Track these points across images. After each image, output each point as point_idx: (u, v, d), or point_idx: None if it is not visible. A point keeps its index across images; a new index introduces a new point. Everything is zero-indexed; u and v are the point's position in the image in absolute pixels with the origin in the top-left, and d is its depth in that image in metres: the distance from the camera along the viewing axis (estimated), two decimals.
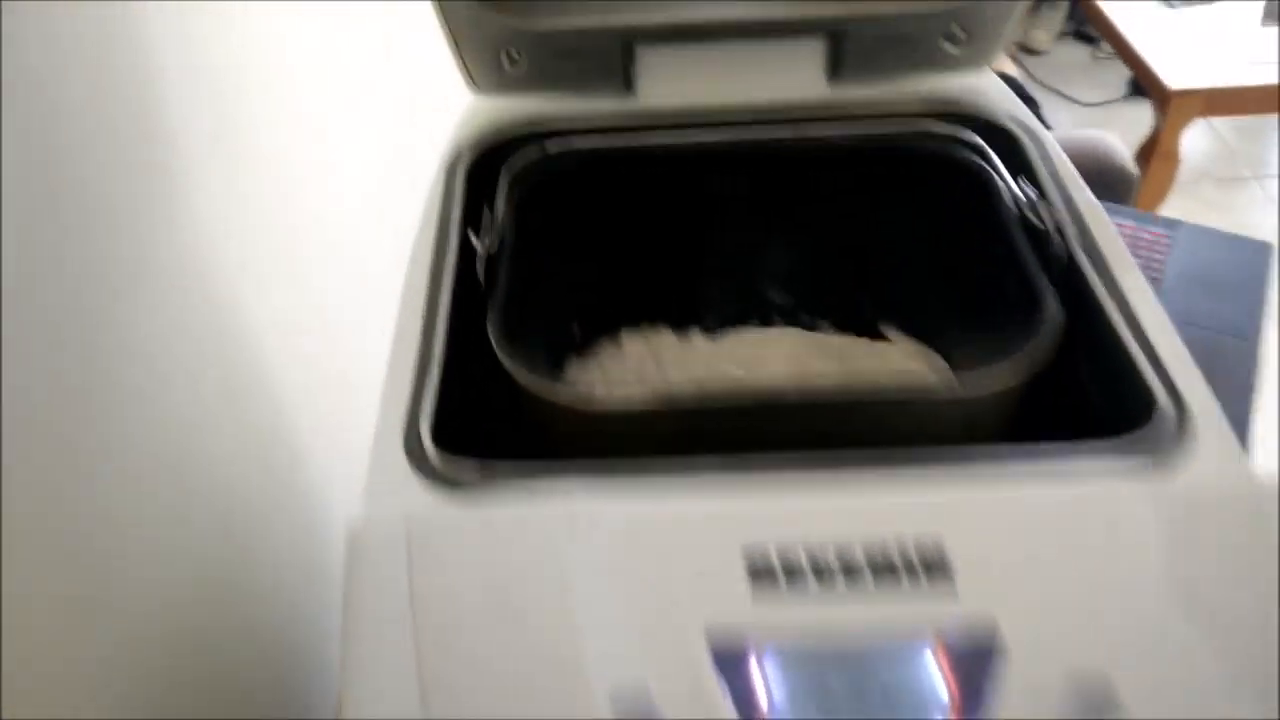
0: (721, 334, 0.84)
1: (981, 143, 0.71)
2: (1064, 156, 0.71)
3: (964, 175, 0.71)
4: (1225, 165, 2.53)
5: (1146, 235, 1.30)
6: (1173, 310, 1.09)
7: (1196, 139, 2.51)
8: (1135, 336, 0.58)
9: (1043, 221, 0.64)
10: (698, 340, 0.83)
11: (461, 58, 0.74)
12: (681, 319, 0.84)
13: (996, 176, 0.69)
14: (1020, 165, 0.71)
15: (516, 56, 0.74)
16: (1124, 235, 1.25)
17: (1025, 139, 0.72)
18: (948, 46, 0.76)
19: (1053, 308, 0.59)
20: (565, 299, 0.79)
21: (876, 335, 0.83)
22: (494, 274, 0.63)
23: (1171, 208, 2.06)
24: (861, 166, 0.76)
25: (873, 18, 0.73)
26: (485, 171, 0.72)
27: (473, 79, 0.75)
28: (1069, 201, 0.67)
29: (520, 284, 0.66)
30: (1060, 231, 0.64)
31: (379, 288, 0.80)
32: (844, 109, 0.76)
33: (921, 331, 0.82)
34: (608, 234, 0.78)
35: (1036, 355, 0.57)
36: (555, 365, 0.81)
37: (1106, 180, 1.39)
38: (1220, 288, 1.02)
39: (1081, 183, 0.69)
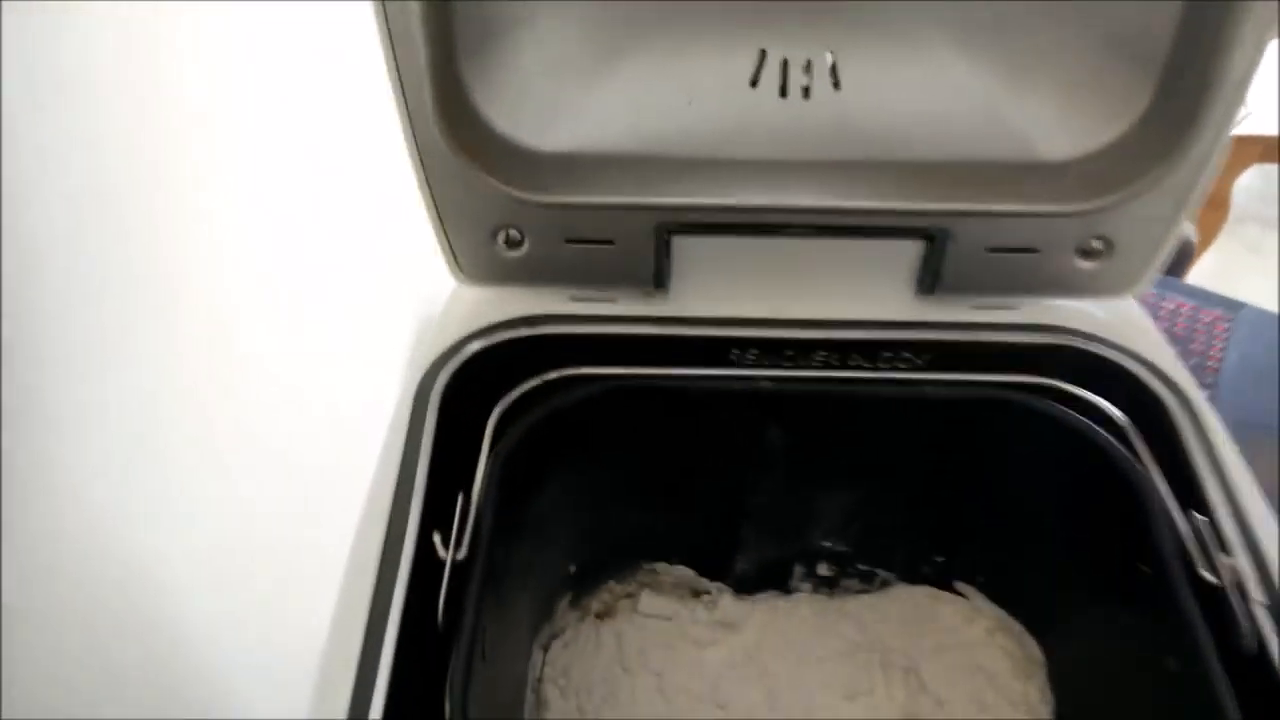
0: (753, 596, 0.66)
1: (1124, 420, 0.54)
2: (1225, 434, 0.53)
3: (1101, 462, 0.53)
4: (1270, 207, 2.34)
5: (1205, 317, 1.14)
6: (1232, 404, 0.97)
7: (1241, 179, 2.32)
8: None
9: (1217, 573, 0.47)
10: (725, 603, 0.66)
11: (446, 235, 0.56)
12: (707, 560, 0.66)
13: (1149, 482, 0.51)
14: (1168, 448, 0.53)
15: (518, 238, 0.56)
16: (1182, 316, 1.11)
17: (1180, 418, 0.54)
18: (1081, 263, 0.58)
19: None
20: (559, 540, 0.62)
21: (947, 588, 0.66)
22: (460, 598, 0.45)
23: (1214, 250, 1.88)
24: (956, 419, 0.58)
25: (994, 215, 0.55)
26: (467, 396, 0.54)
27: (458, 264, 0.57)
28: (1238, 513, 0.50)
29: (497, 582, 0.49)
30: (1241, 590, 0.46)
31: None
32: (932, 338, 0.58)
33: (1009, 600, 0.64)
34: (622, 470, 0.61)
35: None
36: (543, 610, 0.63)
37: None
38: None
39: (1251, 482, 0.52)
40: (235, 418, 0.62)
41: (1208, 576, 0.46)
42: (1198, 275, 1.46)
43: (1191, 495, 0.51)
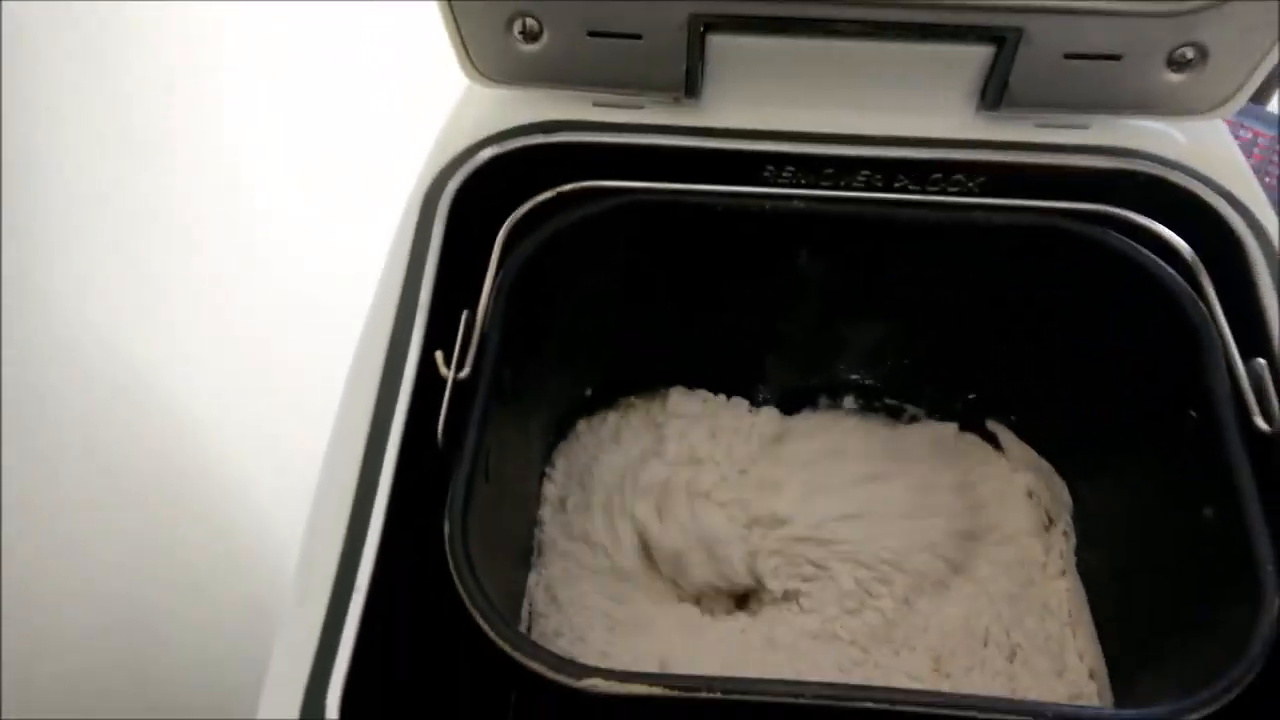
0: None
1: (1192, 255, 0.49)
2: None
3: (1164, 300, 0.49)
4: None
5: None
6: None
7: None
8: None
9: (1271, 420, 0.43)
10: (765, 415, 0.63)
11: (456, 24, 0.51)
12: (728, 387, 0.64)
13: (1211, 323, 0.47)
14: (1239, 287, 0.49)
15: (535, 29, 0.51)
16: (1259, 147, 1.03)
17: (1256, 256, 0.49)
18: (1169, 75, 0.51)
19: (1271, 592, 0.40)
20: (573, 363, 0.60)
21: (978, 430, 0.64)
22: (463, 421, 0.44)
23: None
24: (1010, 249, 0.53)
25: (1076, 14, 0.48)
26: (477, 207, 0.51)
27: (470, 59, 0.52)
28: None
29: (505, 403, 0.47)
30: None
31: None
32: (990, 159, 0.53)
33: (1040, 440, 0.62)
34: (640, 293, 0.58)
35: (1239, 679, 0.38)
36: (558, 430, 0.62)
37: None
38: None
39: None
40: (234, 227, 0.60)
41: (1261, 424, 0.43)
42: None
43: (1257, 339, 0.47)
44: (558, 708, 0.49)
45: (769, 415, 0.63)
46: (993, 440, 0.63)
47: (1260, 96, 1.17)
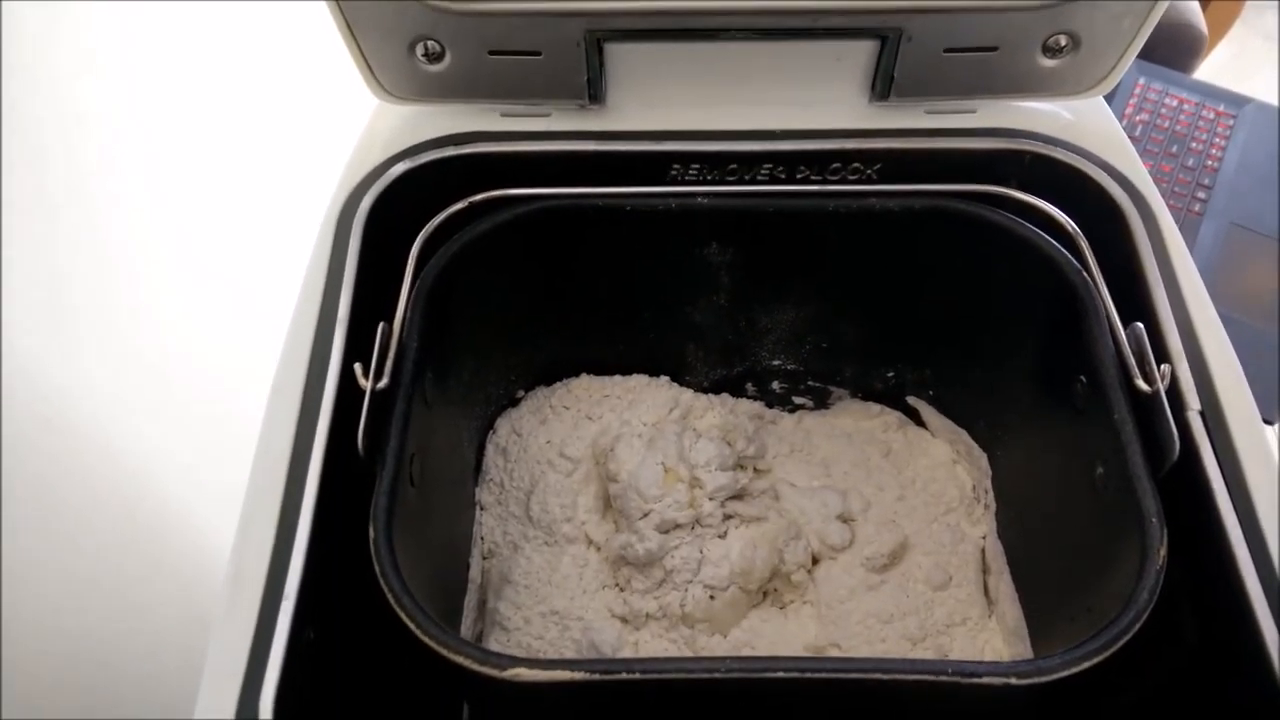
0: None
1: (1074, 228, 0.52)
2: (1184, 250, 0.51)
3: (1047, 271, 0.52)
4: None
5: (1208, 114, 1.10)
6: (1229, 207, 0.95)
7: None
8: (1263, 579, 0.42)
9: (1150, 380, 0.46)
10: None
11: (360, 50, 0.52)
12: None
13: (1094, 291, 0.49)
14: (1121, 256, 0.52)
15: (438, 51, 0.53)
16: (1184, 114, 1.07)
17: (1136, 224, 0.52)
18: (1045, 61, 0.54)
19: (1155, 541, 0.42)
20: (497, 366, 0.62)
21: (898, 407, 0.66)
22: (384, 427, 0.45)
23: (1228, 41, 1.77)
24: (905, 231, 0.56)
25: (951, 12, 0.51)
26: (392, 221, 0.52)
27: (377, 80, 0.54)
28: (1188, 328, 0.49)
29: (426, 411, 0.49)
30: (1175, 397, 0.46)
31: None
32: (886, 146, 0.55)
33: (958, 413, 0.64)
34: (559, 294, 0.59)
35: (1128, 627, 0.41)
36: (486, 425, 0.64)
37: (1175, 40, 1.18)
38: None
39: (1201, 291, 0.50)
40: (154, 252, 0.61)
41: (1142, 385, 0.46)
42: (1209, 69, 1.38)
43: (1139, 305, 0.50)
44: (501, 707, 0.51)
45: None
46: (914, 416, 0.66)
47: (1183, 66, 1.22)
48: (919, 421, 0.66)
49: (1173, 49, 1.21)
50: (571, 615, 0.56)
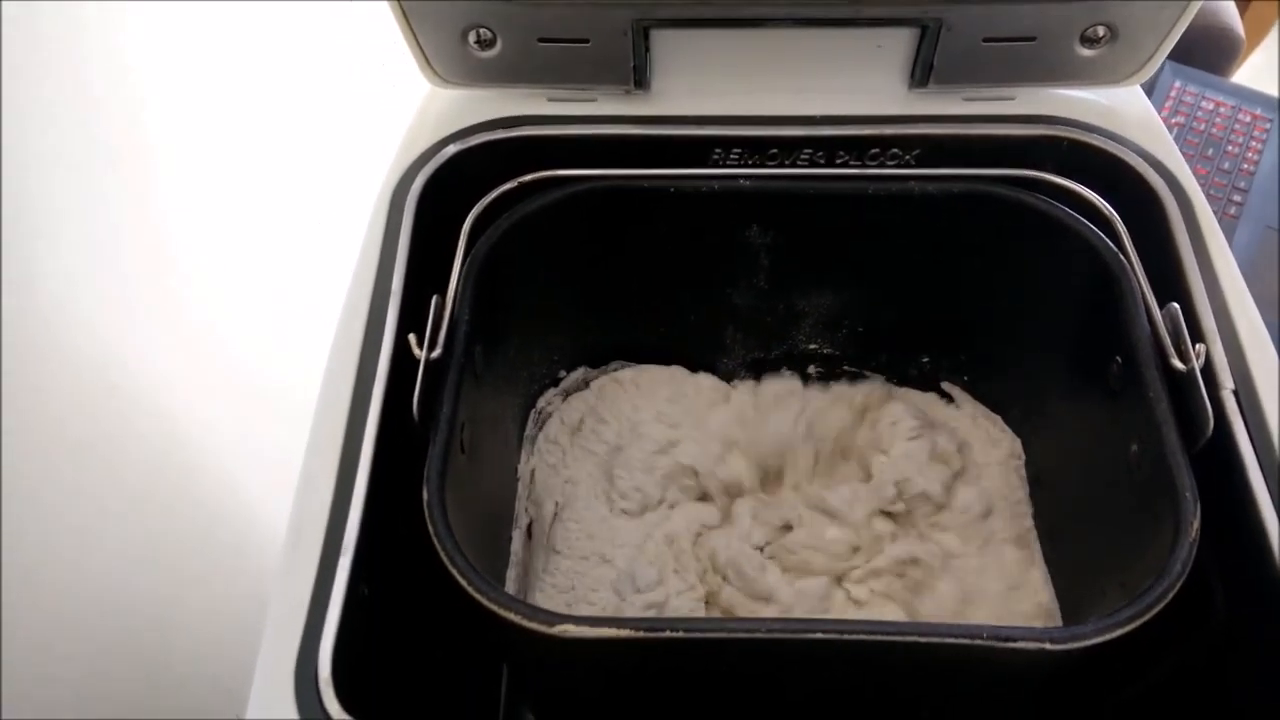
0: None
1: (1111, 212, 0.52)
2: (1219, 234, 0.52)
3: (1084, 254, 0.52)
4: None
5: (1245, 117, 1.10)
6: (1260, 212, 0.94)
7: None
8: None
9: (1185, 360, 0.47)
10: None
11: (415, 37, 0.54)
12: (692, 360, 0.67)
13: (1130, 273, 0.50)
14: (1157, 240, 0.52)
15: (489, 38, 0.54)
16: (1220, 117, 1.07)
17: (1172, 209, 0.52)
18: (1082, 50, 0.55)
19: (1189, 515, 0.43)
20: (542, 343, 0.63)
21: (934, 391, 0.67)
22: (436, 395, 0.47)
23: (1265, 45, 1.76)
24: (944, 215, 0.57)
25: (990, 2, 0.52)
26: (443, 200, 0.54)
27: (431, 66, 0.56)
28: (1223, 309, 0.49)
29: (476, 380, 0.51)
30: (1209, 376, 0.46)
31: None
32: (924, 132, 0.56)
33: (993, 398, 0.65)
34: (601, 273, 0.61)
35: (1161, 595, 0.41)
36: (529, 403, 0.65)
37: (1212, 43, 1.18)
38: None
39: (1237, 275, 0.51)
40: (212, 228, 0.63)
41: (1178, 364, 0.46)
42: (1246, 73, 1.37)
43: (1174, 287, 0.50)
44: (542, 668, 0.53)
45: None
46: (948, 400, 0.67)
47: (1220, 69, 1.22)
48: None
49: (1210, 52, 1.20)
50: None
